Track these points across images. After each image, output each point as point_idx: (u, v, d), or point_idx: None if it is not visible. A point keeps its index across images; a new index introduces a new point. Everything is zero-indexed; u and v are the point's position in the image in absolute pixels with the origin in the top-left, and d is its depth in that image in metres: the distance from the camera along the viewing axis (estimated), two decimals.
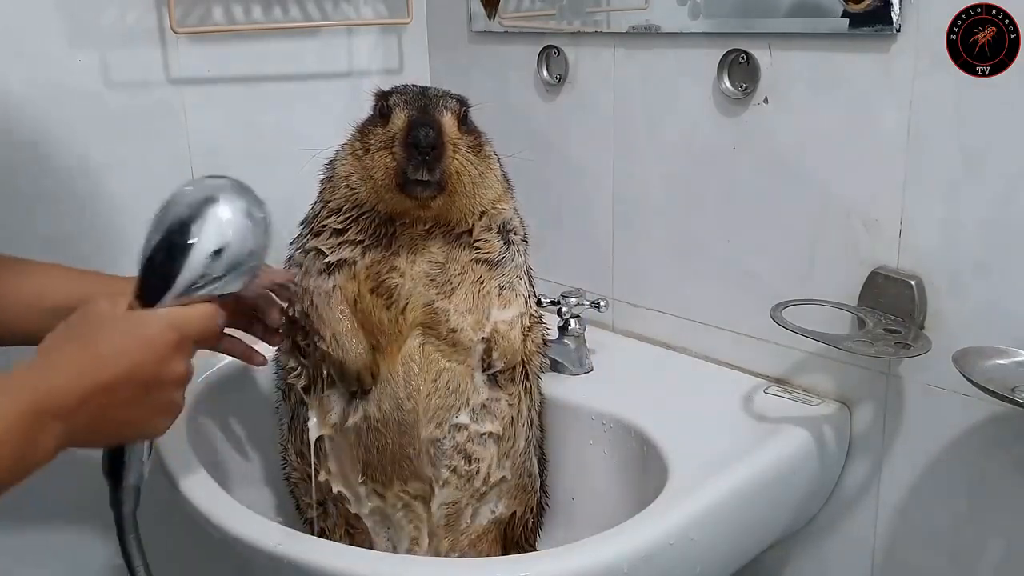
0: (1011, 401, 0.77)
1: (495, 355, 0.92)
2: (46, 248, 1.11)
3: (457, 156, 0.88)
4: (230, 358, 1.12)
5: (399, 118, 0.87)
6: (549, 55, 1.24)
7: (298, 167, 0.95)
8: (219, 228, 0.72)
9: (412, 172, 0.85)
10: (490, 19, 1.25)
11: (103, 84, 1.14)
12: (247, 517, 0.84)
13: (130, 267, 1.20)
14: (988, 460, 0.90)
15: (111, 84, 1.15)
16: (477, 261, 0.93)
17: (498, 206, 0.95)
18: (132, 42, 1.15)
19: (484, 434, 0.94)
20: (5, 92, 1.07)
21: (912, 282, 0.92)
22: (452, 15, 1.37)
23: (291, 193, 0.99)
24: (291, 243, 0.98)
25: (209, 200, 0.73)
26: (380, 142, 0.88)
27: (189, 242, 0.72)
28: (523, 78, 1.28)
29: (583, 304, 1.14)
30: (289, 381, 0.96)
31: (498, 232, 0.95)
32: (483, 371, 0.93)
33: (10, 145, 1.08)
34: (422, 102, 0.88)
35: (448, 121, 0.88)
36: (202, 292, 0.73)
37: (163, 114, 1.19)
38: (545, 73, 1.25)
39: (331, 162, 0.96)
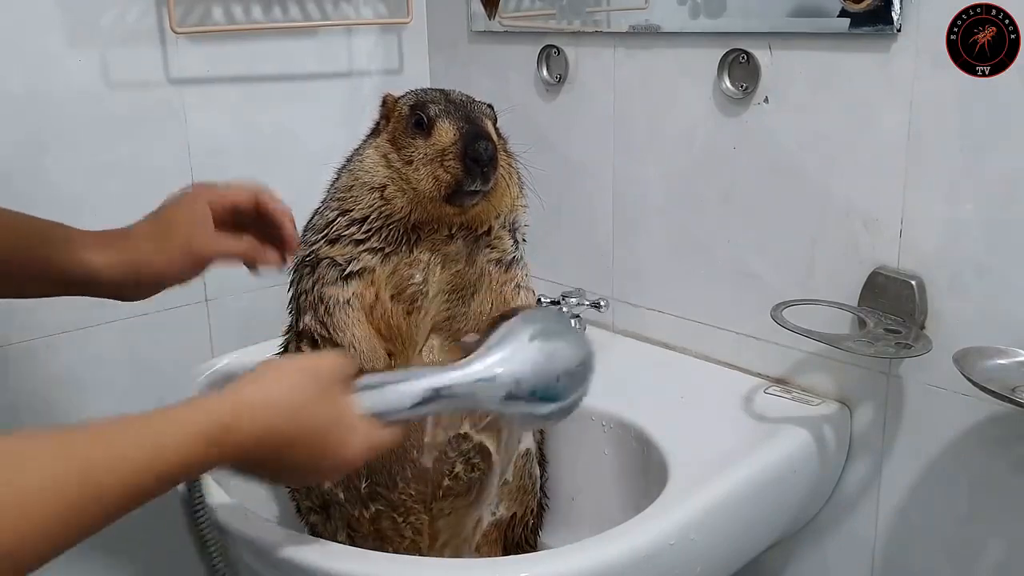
0: (1011, 401, 0.77)
1: None
2: None
3: (502, 163, 0.89)
4: (228, 359, 1.12)
5: (447, 131, 0.86)
6: (549, 55, 1.24)
7: (294, 172, 0.95)
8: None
9: (469, 184, 0.85)
10: (490, 19, 1.25)
11: (103, 84, 1.14)
12: (248, 518, 0.84)
13: None
14: (988, 460, 0.90)
15: (111, 84, 1.15)
16: (491, 261, 0.93)
17: (516, 203, 0.96)
18: (132, 42, 1.15)
19: (486, 441, 0.94)
20: (5, 92, 1.07)
21: (912, 282, 0.92)
22: (452, 15, 1.36)
23: (290, 193, 0.99)
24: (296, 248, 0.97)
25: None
26: (426, 155, 0.87)
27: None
28: (523, 78, 1.28)
29: (583, 304, 1.14)
30: None
31: (509, 231, 0.95)
32: None
33: (10, 145, 1.08)
34: (465, 112, 0.88)
35: (491, 129, 0.89)
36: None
37: (163, 114, 1.20)
38: (545, 73, 1.25)
39: (348, 170, 0.94)
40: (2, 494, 0.51)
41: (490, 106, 0.94)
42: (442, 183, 0.86)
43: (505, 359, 0.73)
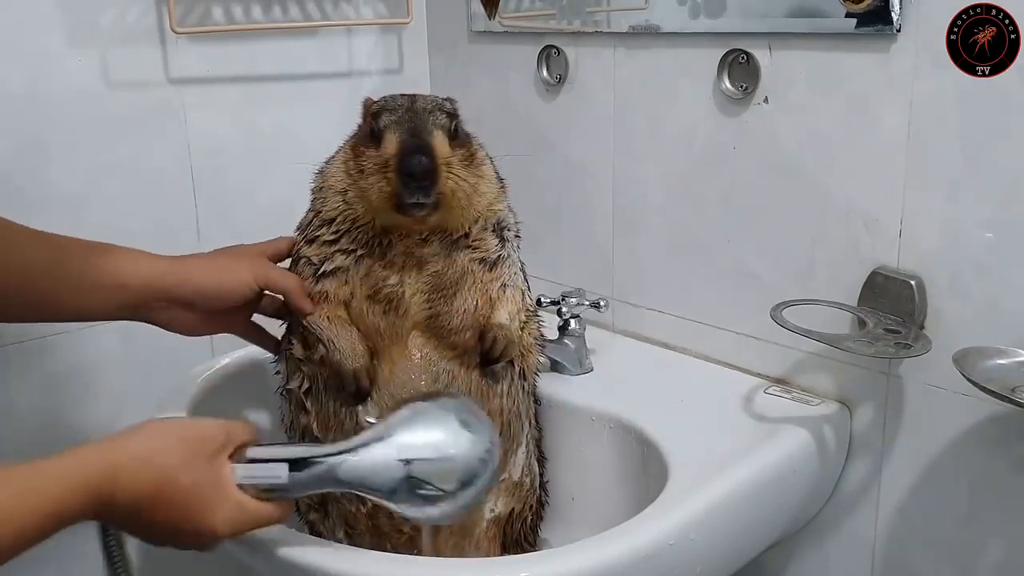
0: (1011, 401, 0.77)
1: (497, 348, 0.92)
2: None
3: (451, 176, 0.87)
4: (228, 359, 1.12)
5: (391, 142, 0.86)
6: (549, 55, 1.24)
7: (294, 172, 0.96)
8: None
9: (408, 197, 0.85)
10: (490, 19, 1.25)
11: (103, 84, 1.14)
12: None
13: None
14: (988, 460, 0.90)
15: (111, 84, 1.15)
16: (474, 260, 0.93)
17: (493, 207, 0.95)
18: (132, 42, 1.15)
19: None
20: (5, 92, 1.07)
21: (912, 282, 0.92)
22: (452, 15, 1.36)
23: (290, 193, 0.99)
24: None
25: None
26: (374, 165, 0.87)
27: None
28: (523, 78, 1.28)
29: (583, 304, 1.14)
30: (289, 386, 0.96)
31: (493, 231, 0.95)
32: (483, 366, 0.93)
33: (10, 145, 1.09)
34: (412, 123, 0.87)
35: (439, 142, 0.87)
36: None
37: (163, 114, 1.19)
38: (545, 73, 1.25)
39: (321, 172, 0.96)
40: None
41: (450, 112, 0.91)
42: (384, 193, 0.86)
43: (437, 443, 0.71)
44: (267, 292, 0.93)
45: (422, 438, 0.71)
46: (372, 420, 0.75)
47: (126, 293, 0.85)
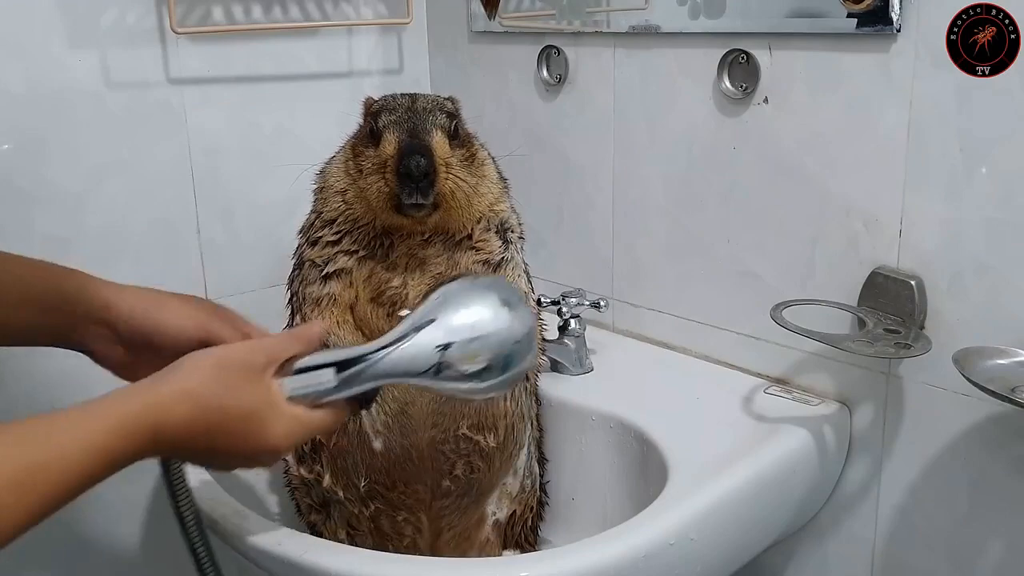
0: (1011, 401, 0.77)
1: None
2: (45, 249, 1.11)
3: (450, 176, 0.88)
4: None
5: (389, 143, 0.87)
6: (549, 55, 1.24)
7: (294, 172, 0.96)
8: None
9: (406, 197, 0.85)
10: (490, 19, 1.26)
11: (103, 84, 1.14)
12: (248, 518, 0.84)
13: (129, 267, 1.20)
14: (988, 460, 0.90)
15: (111, 84, 1.15)
16: (477, 263, 0.93)
17: (495, 208, 0.95)
18: (132, 42, 1.15)
19: (485, 441, 0.94)
20: (5, 92, 1.07)
21: (912, 282, 0.92)
22: (452, 15, 1.37)
23: (290, 194, 0.99)
24: (293, 256, 0.98)
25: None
26: (373, 165, 0.87)
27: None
28: (523, 78, 1.28)
29: (583, 304, 1.14)
30: None
31: (496, 232, 0.95)
32: None
33: (10, 145, 1.08)
34: (411, 123, 0.87)
35: (438, 142, 0.87)
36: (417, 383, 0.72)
37: (163, 114, 1.19)
38: (545, 73, 1.25)
39: (322, 172, 0.96)
40: None
41: (450, 112, 0.91)
42: (382, 195, 0.86)
43: (475, 325, 0.71)
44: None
45: (461, 319, 0.71)
46: (405, 312, 0.74)
47: (39, 308, 0.80)
